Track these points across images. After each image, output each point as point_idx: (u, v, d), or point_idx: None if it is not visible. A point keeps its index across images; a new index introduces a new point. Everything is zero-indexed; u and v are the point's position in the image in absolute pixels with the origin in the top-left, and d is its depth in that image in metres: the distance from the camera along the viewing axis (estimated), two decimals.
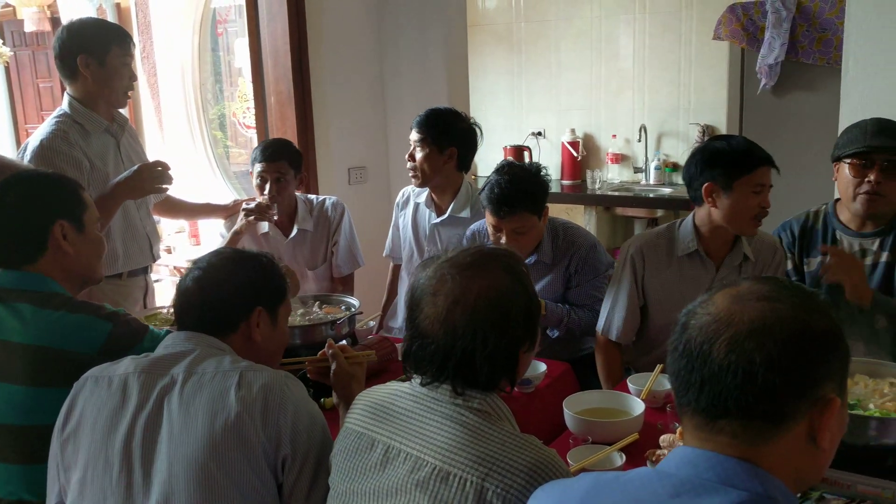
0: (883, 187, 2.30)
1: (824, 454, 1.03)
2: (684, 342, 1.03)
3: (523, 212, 2.54)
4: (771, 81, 3.74)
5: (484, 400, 1.39)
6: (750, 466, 0.98)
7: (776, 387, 0.96)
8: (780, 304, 1.00)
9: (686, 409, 1.04)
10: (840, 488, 1.70)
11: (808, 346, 0.98)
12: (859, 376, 1.91)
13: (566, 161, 5.62)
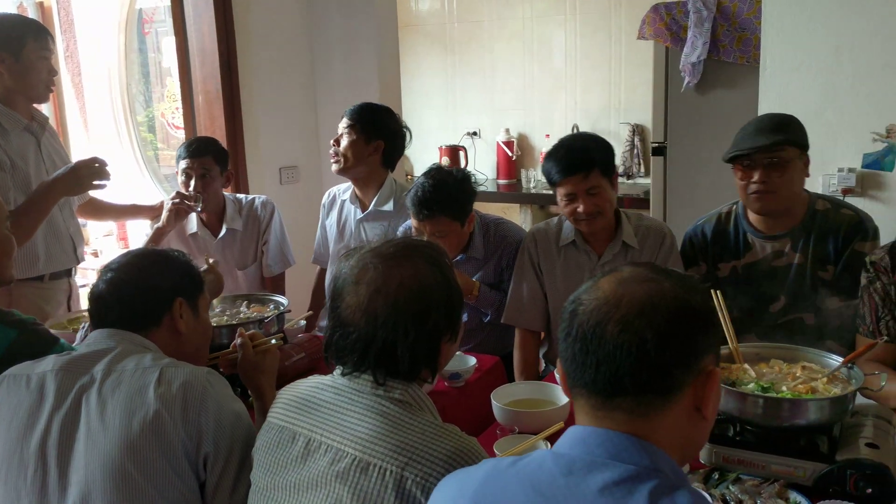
0: (770, 184, 2.31)
1: (706, 423, 1.10)
2: (576, 327, 1.07)
3: (442, 216, 2.56)
4: (694, 79, 3.83)
5: (405, 391, 1.39)
6: (638, 441, 1.03)
7: (666, 360, 1.02)
8: (663, 283, 1.06)
9: (582, 391, 1.08)
10: (755, 469, 1.75)
11: (691, 320, 1.05)
12: (774, 361, 1.96)
13: (501, 161, 5.67)
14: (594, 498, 0.98)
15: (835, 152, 3.16)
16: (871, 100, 3.07)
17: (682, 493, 0.97)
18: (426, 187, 2.54)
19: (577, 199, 2.43)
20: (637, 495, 0.96)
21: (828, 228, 2.37)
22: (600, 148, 2.48)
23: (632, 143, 5.25)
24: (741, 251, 2.48)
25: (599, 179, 2.42)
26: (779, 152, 2.29)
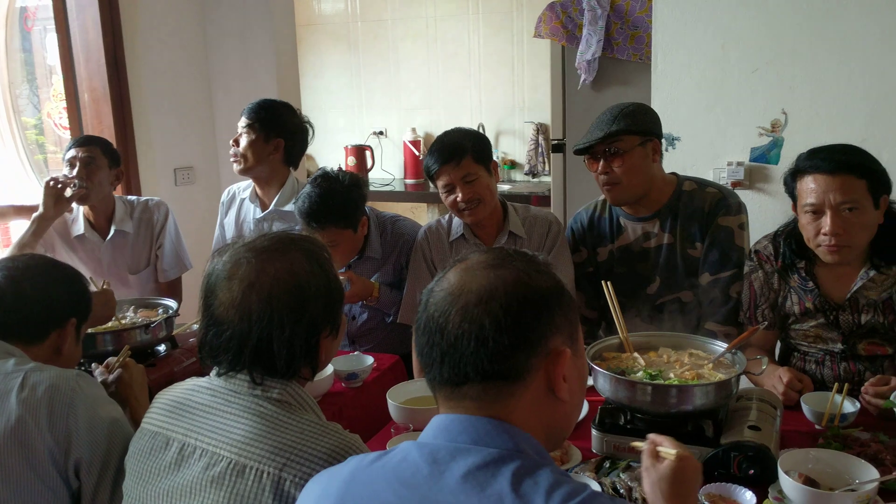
0: (612, 175, 2.38)
1: (565, 405, 1.10)
2: (425, 319, 1.07)
3: (331, 227, 2.53)
4: (590, 77, 3.91)
5: (284, 390, 1.35)
6: (499, 423, 1.03)
7: (506, 346, 1.03)
8: (504, 270, 1.07)
9: (433, 383, 1.09)
10: None
11: (531, 304, 1.05)
12: (663, 349, 2.01)
13: (408, 160, 5.64)
14: (458, 485, 0.97)
15: (724, 146, 3.26)
16: (756, 95, 3.18)
17: (544, 472, 0.98)
18: (313, 197, 2.51)
19: (455, 189, 2.48)
20: (500, 478, 0.96)
21: (694, 207, 2.45)
22: (471, 137, 2.53)
23: (536, 142, 5.31)
24: (615, 235, 2.56)
25: (473, 166, 2.46)
26: (615, 143, 2.34)
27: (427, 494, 0.98)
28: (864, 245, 2.11)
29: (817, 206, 2.05)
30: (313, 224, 2.50)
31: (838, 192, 2.02)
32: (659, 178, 2.48)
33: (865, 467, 1.63)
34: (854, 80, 3.03)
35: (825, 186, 2.03)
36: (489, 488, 0.96)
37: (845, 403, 1.96)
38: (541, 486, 0.95)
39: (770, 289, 2.28)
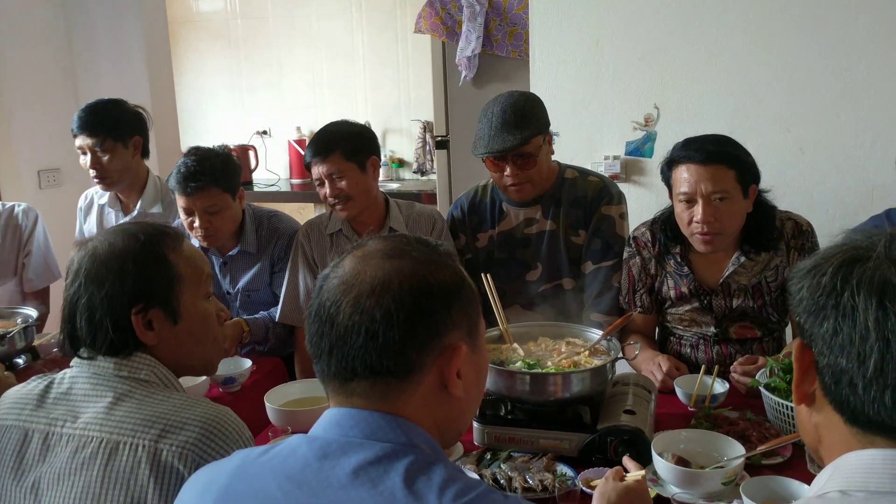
0: (523, 176, 2.39)
1: (459, 401, 1.06)
2: (317, 307, 1.02)
3: (213, 187, 2.47)
4: (470, 73, 3.93)
5: (152, 371, 1.37)
6: (393, 418, 0.99)
7: (397, 342, 0.98)
8: (402, 260, 1.01)
9: (322, 375, 1.04)
10: (526, 445, 1.79)
11: (426, 299, 1.00)
12: (542, 338, 2.02)
13: (294, 159, 5.53)
14: (349, 480, 0.93)
15: (601, 141, 3.34)
16: (630, 90, 3.27)
17: (438, 468, 0.95)
18: (189, 163, 2.48)
19: (324, 184, 2.46)
20: (392, 474, 0.93)
21: (576, 195, 2.47)
22: (346, 133, 2.49)
23: (423, 140, 5.30)
24: (496, 219, 2.55)
25: (342, 163, 2.43)
26: (527, 146, 2.33)
27: (316, 490, 0.94)
28: (735, 233, 2.20)
29: (690, 196, 2.13)
30: (192, 185, 2.44)
31: (709, 182, 2.10)
32: (549, 170, 2.50)
33: (733, 445, 1.69)
34: (721, 76, 3.16)
35: (697, 176, 2.11)
36: (381, 484, 0.92)
37: (715, 385, 2.03)
38: (434, 483, 0.92)
39: (647, 274, 2.35)
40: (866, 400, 0.84)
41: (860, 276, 0.84)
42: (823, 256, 0.90)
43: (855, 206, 3.05)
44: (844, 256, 0.87)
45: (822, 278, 0.87)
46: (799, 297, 0.90)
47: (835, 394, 0.87)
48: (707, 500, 1.57)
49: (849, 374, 0.84)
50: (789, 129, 3.13)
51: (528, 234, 2.51)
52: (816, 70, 3.06)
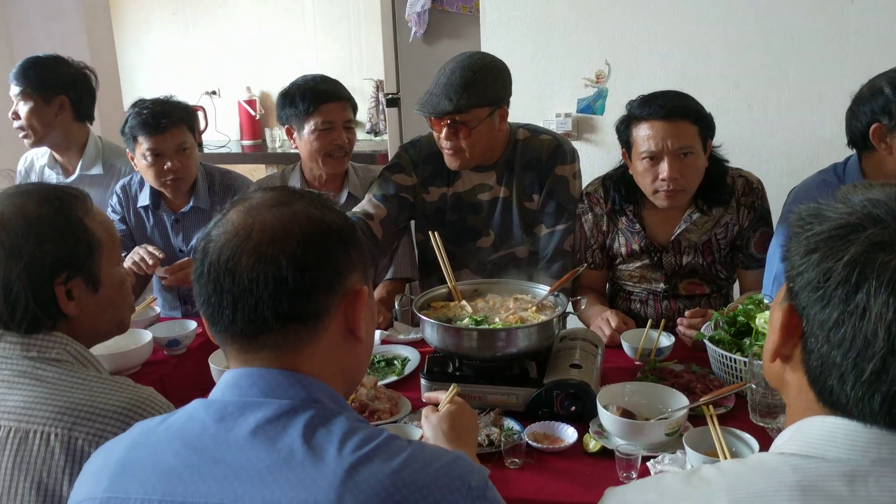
0: (456, 144, 2.26)
1: (362, 345, 1.06)
2: (207, 266, 0.98)
3: (182, 124, 2.47)
4: (421, 29, 3.86)
5: (64, 348, 1.31)
6: (291, 374, 0.97)
7: (307, 285, 0.96)
8: (295, 206, 1.00)
9: (225, 336, 1.00)
10: (474, 401, 1.79)
11: (329, 240, 1.00)
12: (490, 295, 2.02)
13: (244, 120, 5.42)
14: (247, 441, 0.91)
15: (552, 98, 3.31)
16: (581, 47, 3.24)
17: (339, 420, 0.93)
18: (148, 104, 2.45)
19: (332, 131, 2.50)
20: (291, 430, 0.91)
21: (529, 157, 2.37)
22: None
23: (376, 99, 5.23)
24: (450, 179, 2.43)
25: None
26: (463, 114, 2.19)
27: (215, 454, 0.91)
28: (696, 188, 2.20)
29: (655, 153, 2.11)
30: (164, 123, 2.41)
31: (675, 138, 2.09)
32: (495, 141, 2.36)
33: (677, 396, 1.71)
34: (671, 32, 3.15)
35: (663, 133, 2.10)
36: (280, 441, 0.90)
37: (661, 338, 2.05)
38: (334, 435, 0.91)
39: (599, 231, 2.35)
40: (852, 396, 0.81)
41: (881, 275, 0.76)
42: (842, 228, 0.81)
43: (802, 162, 3.08)
44: (868, 242, 0.78)
45: (837, 263, 0.79)
46: (801, 269, 0.83)
47: (817, 378, 0.84)
48: (651, 451, 1.59)
49: (840, 370, 0.80)
50: (738, 86, 3.15)
51: (480, 200, 2.41)
52: (764, 27, 3.07)
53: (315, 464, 0.88)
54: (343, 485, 0.85)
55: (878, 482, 0.79)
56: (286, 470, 0.88)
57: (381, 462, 0.88)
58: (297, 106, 2.47)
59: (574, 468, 1.59)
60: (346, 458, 0.88)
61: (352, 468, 0.87)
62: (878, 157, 2.22)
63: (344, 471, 0.87)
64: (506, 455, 1.60)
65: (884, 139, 2.18)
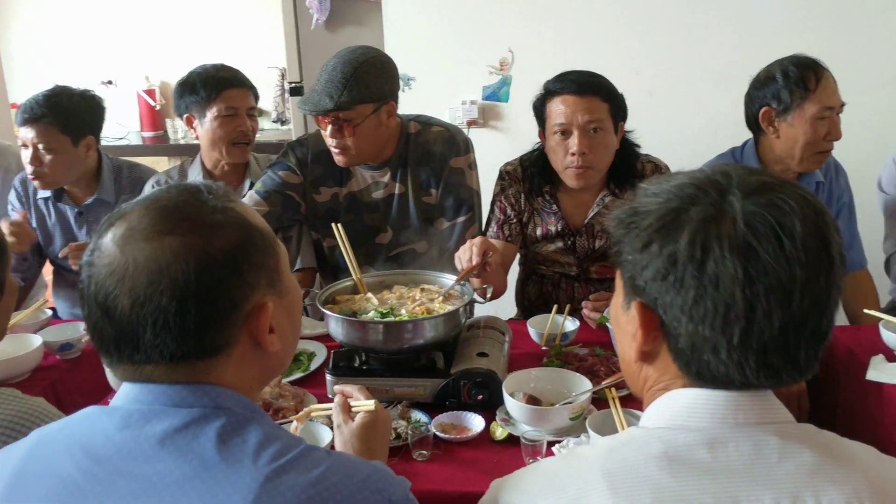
0: (341, 142, 2.18)
1: (278, 354, 1.00)
2: (89, 298, 0.91)
3: (49, 125, 2.39)
4: (322, 16, 3.80)
5: None
6: (198, 386, 0.91)
7: (194, 329, 0.89)
8: (171, 236, 0.89)
9: (111, 363, 0.93)
10: (381, 394, 1.77)
11: (216, 273, 0.90)
12: (396, 287, 2.00)
13: (144, 111, 5.23)
14: (154, 451, 0.86)
15: (458, 86, 3.31)
16: (485, 35, 3.25)
17: (253, 428, 0.89)
18: (38, 95, 2.41)
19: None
20: (203, 438, 0.86)
21: (423, 151, 2.33)
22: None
23: (282, 87, 5.12)
24: (343, 179, 2.37)
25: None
26: (346, 112, 2.12)
27: (120, 466, 0.85)
28: (605, 168, 2.25)
29: (566, 126, 2.15)
30: (25, 117, 2.35)
31: (585, 112, 2.13)
32: (385, 137, 2.30)
33: (581, 380, 1.73)
34: (573, 20, 3.19)
35: (574, 107, 2.14)
36: (191, 451, 0.85)
37: (566, 322, 2.07)
38: (249, 444, 0.86)
39: (516, 210, 2.35)
40: (730, 363, 0.84)
41: (721, 243, 0.81)
42: (668, 216, 0.84)
43: (702, 146, 3.16)
44: (697, 219, 0.83)
45: (678, 245, 0.83)
46: (644, 263, 0.86)
47: (690, 358, 0.86)
48: (556, 436, 1.60)
49: (712, 342, 0.83)
50: (638, 72, 3.21)
51: (375, 198, 2.36)
52: (663, 14, 3.15)
53: (230, 475, 0.83)
54: (259, 497, 0.82)
55: (737, 447, 0.83)
56: (198, 482, 0.83)
57: (299, 474, 0.84)
58: (199, 93, 2.40)
59: (481, 457, 1.59)
60: (262, 469, 0.84)
61: (268, 480, 0.83)
62: (770, 140, 2.32)
63: (260, 483, 0.83)
64: (413, 448, 1.59)
65: (772, 123, 2.28)
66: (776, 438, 0.84)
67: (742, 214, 0.82)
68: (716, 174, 0.87)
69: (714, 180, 0.86)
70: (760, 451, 0.83)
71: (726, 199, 0.83)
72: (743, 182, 0.85)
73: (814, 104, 2.21)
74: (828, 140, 2.26)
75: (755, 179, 0.85)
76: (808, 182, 2.42)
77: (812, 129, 2.23)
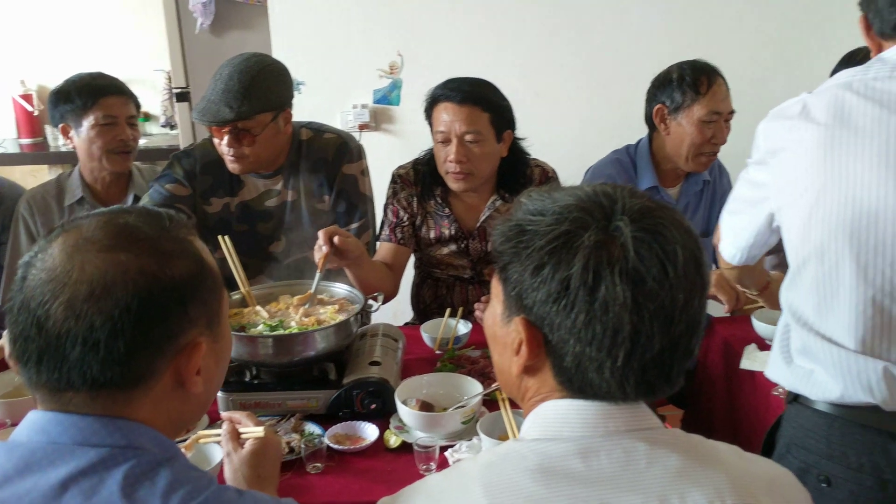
0: (239, 151, 2.12)
1: (199, 396, 0.97)
2: (20, 301, 0.87)
3: None
4: (207, 20, 3.71)
5: None
6: (111, 421, 0.88)
7: (123, 353, 0.86)
8: (126, 253, 0.87)
9: (31, 384, 0.90)
10: (274, 408, 1.76)
11: (161, 301, 0.88)
12: (282, 298, 1.98)
13: (21, 117, 4.95)
14: (56, 495, 0.82)
15: (349, 90, 3.30)
16: (374, 38, 3.25)
17: (163, 471, 0.86)
18: None
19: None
20: (109, 482, 0.83)
21: (316, 158, 2.31)
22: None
23: (170, 91, 4.95)
24: (235, 188, 2.32)
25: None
26: (246, 121, 2.08)
27: None
28: (487, 175, 2.28)
29: (446, 135, 2.19)
30: None
31: (464, 123, 2.17)
32: (282, 143, 2.27)
33: (473, 384, 1.76)
34: (460, 22, 3.23)
35: (454, 116, 2.17)
36: (95, 496, 0.82)
37: (459, 326, 2.10)
38: (158, 488, 0.84)
39: (409, 213, 2.36)
40: (612, 381, 0.87)
41: (612, 270, 0.83)
42: (559, 239, 0.86)
43: (587, 145, 3.25)
44: (590, 245, 0.85)
45: (571, 272, 0.84)
46: (535, 285, 0.87)
47: (573, 375, 0.89)
48: (449, 441, 1.63)
49: (597, 362, 0.86)
50: (526, 76, 3.28)
51: (268, 206, 2.32)
52: (549, 19, 3.24)
53: None
54: None
55: (608, 455, 0.87)
56: None
57: None
58: (74, 101, 2.31)
59: (376, 466, 1.60)
60: None
61: None
62: (662, 137, 2.44)
63: None
64: (307, 461, 1.58)
65: (664, 120, 2.41)
66: (645, 445, 0.88)
67: (631, 241, 0.84)
68: (599, 195, 0.89)
69: (598, 202, 0.88)
70: (630, 457, 0.87)
71: (614, 223, 0.86)
72: (627, 206, 0.87)
73: (702, 107, 2.34)
74: (713, 144, 2.39)
75: (638, 204, 0.88)
76: (697, 180, 2.55)
77: (698, 130, 2.36)
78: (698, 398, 2.35)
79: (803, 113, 1.36)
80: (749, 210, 1.52)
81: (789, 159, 1.36)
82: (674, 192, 2.55)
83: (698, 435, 0.95)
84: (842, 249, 1.29)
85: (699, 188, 2.56)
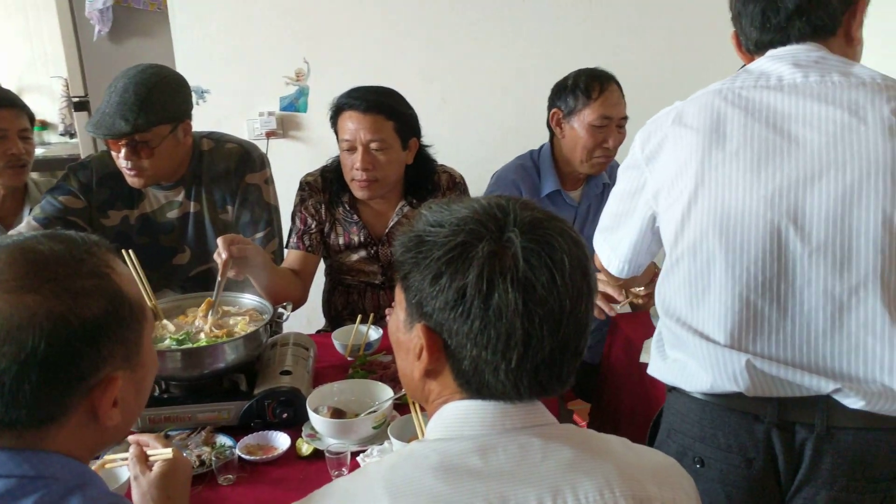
0: (137, 164, 2.10)
1: (116, 428, 0.96)
2: None
3: None
4: (105, 27, 3.62)
5: None
6: (18, 452, 0.87)
7: (29, 396, 0.85)
8: (34, 295, 0.85)
9: None
10: (184, 422, 1.74)
11: (71, 343, 0.87)
12: (190, 310, 1.96)
13: None
14: None
15: (255, 97, 3.28)
16: (279, 45, 3.24)
17: (74, 499, 0.85)
18: None
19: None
20: None
21: (217, 169, 2.29)
22: None
23: (68, 98, 4.79)
24: (135, 200, 2.28)
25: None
26: (143, 134, 2.05)
27: None
28: (392, 182, 2.31)
29: (351, 144, 2.21)
30: None
31: (368, 131, 2.19)
32: (182, 155, 2.24)
33: (384, 389, 1.79)
34: (366, 28, 3.25)
35: (358, 124, 2.19)
36: None
37: (370, 332, 2.13)
38: None
39: (316, 220, 2.37)
40: (507, 382, 0.92)
41: (504, 279, 0.88)
42: (455, 250, 0.90)
43: (493, 149, 3.33)
44: (483, 255, 0.89)
45: (466, 281, 0.89)
46: (434, 293, 0.91)
47: (471, 377, 0.93)
48: (361, 446, 1.66)
49: (493, 364, 0.91)
50: (432, 81, 3.33)
51: (170, 218, 2.29)
52: (454, 27, 3.29)
53: None
54: None
55: (505, 450, 0.92)
56: None
57: None
58: None
59: (288, 475, 1.61)
60: None
61: None
62: (559, 141, 2.53)
63: None
64: (218, 473, 1.58)
65: (559, 124, 2.50)
66: (539, 440, 0.93)
67: (522, 251, 0.90)
68: (493, 208, 0.94)
69: (492, 214, 0.93)
70: (526, 452, 0.92)
71: (507, 234, 0.91)
72: (519, 218, 0.93)
73: (593, 112, 2.43)
74: (604, 147, 2.48)
75: (528, 216, 0.93)
76: (597, 183, 2.65)
77: (589, 134, 2.45)
78: (604, 392, 2.44)
79: (677, 119, 1.45)
80: (627, 221, 1.59)
81: (669, 162, 1.45)
82: (576, 195, 2.64)
83: (590, 429, 1.01)
84: (713, 248, 1.38)
85: (599, 191, 2.66)
